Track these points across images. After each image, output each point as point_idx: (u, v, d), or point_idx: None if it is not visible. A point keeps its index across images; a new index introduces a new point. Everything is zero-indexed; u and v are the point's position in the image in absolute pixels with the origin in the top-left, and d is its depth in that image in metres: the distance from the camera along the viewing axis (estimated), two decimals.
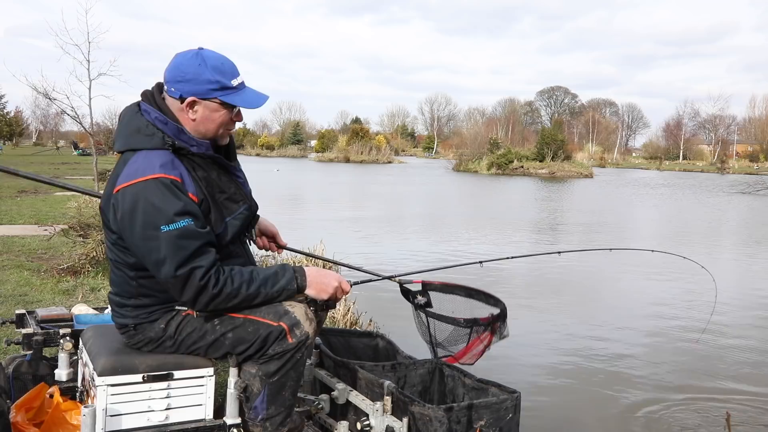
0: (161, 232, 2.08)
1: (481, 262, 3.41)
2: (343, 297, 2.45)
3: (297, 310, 2.31)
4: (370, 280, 3.02)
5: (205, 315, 2.29)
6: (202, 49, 2.27)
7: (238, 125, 2.47)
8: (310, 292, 2.32)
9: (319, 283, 2.33)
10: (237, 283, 2.17)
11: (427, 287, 3.04)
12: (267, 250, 2.82)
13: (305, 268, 2.34)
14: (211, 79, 2.20)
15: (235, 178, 2.40)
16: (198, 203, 2.18)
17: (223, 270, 2.17)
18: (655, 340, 5.93)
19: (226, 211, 2.30)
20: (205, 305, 2.17)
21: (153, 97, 2.27)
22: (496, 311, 2.91)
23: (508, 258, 3.70)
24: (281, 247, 2.81)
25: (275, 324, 2.27)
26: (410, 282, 3.06)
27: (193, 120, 2.24)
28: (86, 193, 3.81)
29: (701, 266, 3.94)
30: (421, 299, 3.02)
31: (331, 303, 2.43)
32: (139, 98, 2.32)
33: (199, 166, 2.27)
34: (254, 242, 2.71)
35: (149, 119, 2.22)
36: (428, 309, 3.05)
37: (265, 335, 2.26)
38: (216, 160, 2.32)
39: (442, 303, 3.06)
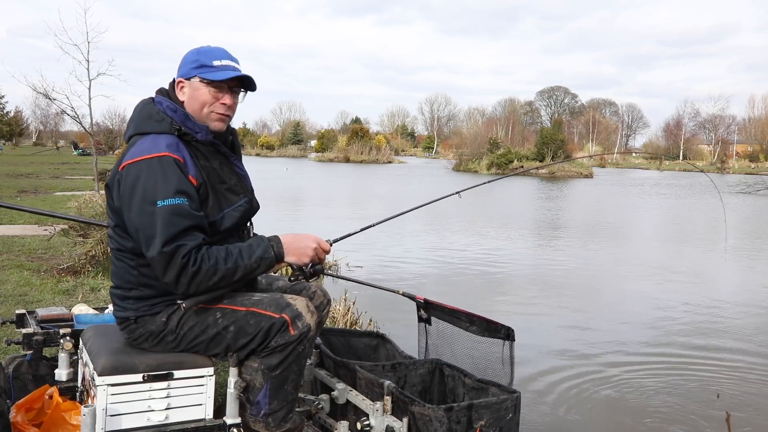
0: (157, 207, 2.14)
1: (458, 193, 3.58)
2: (326, 257, 2.46)
3: (299, 302, 2.36)
4: (360, 286, 3.07)
5: (206, 309, 2.31)
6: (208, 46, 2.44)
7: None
8: (289, 258, 2.33)
9: (296, 248, 2.34)
10: (213, 260, 2.17)
11: (429, 305, 3.19)
12: None
13: (281, 236, 2.35)
14: (193, 59, 2.38)
15: (237, 170, 2.47)
16: (197, 187, 2.25)
17: (200, 249, 2.18)
18: (657, 338, 5.93)
19: (225, 201, 2.36)
20: (186, 286, 2.16)
21: (167, 91, 2.43)
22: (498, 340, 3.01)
23: (485, 183, 3.94)
24: None
25: (277, 316, 2.30)
26: (414, 297, 3.22)
27: (183, 102, 2.38)
28: (85, 222, 3.81)
29: (712, 182, 4.17)
30: (423, 314, 3.19)
31: (318, 267, 2.42)
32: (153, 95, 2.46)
33: (203, 155, 2.36)
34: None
35: (161, 108, 2.35)
36: (432, 309, 3.19)
37: (267, 327, 2.29)
38: (218, 149, 2.41)
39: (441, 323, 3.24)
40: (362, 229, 2.98)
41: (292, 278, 2.45)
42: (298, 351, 2.34)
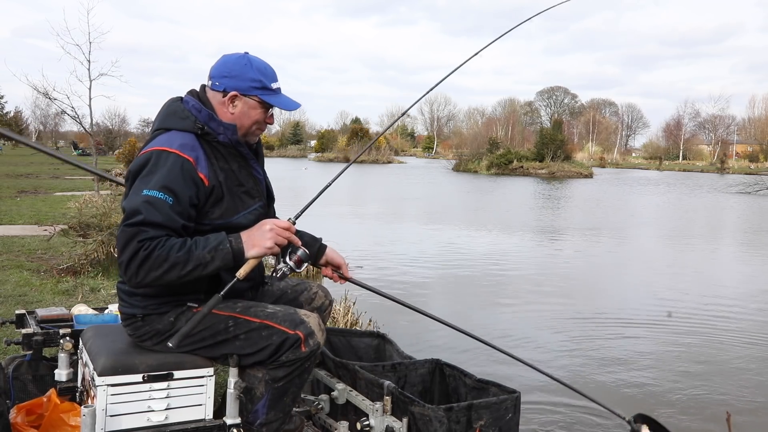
0: (141, 194, 2.15)
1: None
2: (291, 235, 2.29)
3: (311, 320, 2.36)
4: None
5: (218, 315, 2.28)
6: (248, 53, 2.43)
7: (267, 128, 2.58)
8: (252, 251, 2.21)
9: (253, 237, 2.23)
10: (167, 248, 2.10)
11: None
12: (330, 279, 2.74)
13: (241, 233, 2.26)
14: (254, 77, 2.36)
15: (255, 174, 2.48)
16: (208, 187, 2.26)
17: (158, 238, 2.12)
18: (657, 338, 5.93)
19: (241, 204, 2.37)
20: (135, 270, 2.09)
21: (197, 92, 2.44)
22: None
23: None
24: (344, 278, 2.69)
25: (291, 332, 2.30)
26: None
27: (232, 114, 2.38)
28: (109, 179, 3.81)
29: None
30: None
31: (301, 253, 2.31)
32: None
33: (222, 156, 2.36)
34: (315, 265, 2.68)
35: (187, 107, 2.37)
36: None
37: (279, 342, 2.29)
38: (240, 152, 2.42)
39: None
40: (319, 194, 2.86)
41: (279, 277, 2.33)
42: (304, 367, 2.36)
